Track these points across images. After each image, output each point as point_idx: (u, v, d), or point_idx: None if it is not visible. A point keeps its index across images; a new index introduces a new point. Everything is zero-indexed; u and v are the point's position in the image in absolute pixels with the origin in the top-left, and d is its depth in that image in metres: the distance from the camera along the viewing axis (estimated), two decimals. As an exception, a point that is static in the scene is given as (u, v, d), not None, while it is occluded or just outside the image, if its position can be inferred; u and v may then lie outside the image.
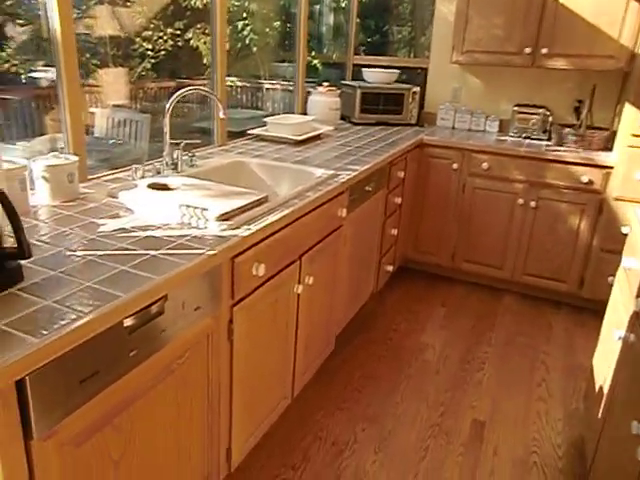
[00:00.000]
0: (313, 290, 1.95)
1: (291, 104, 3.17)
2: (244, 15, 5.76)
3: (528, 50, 2.96)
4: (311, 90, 3.02)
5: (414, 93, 3.30)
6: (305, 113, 3.05)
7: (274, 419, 1.87)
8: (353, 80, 3.60)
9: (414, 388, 2.31)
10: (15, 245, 1.01)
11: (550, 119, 3.15)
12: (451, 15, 3.21)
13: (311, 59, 5.33)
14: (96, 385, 1.01)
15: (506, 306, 3.09)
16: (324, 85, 2.95)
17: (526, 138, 3.17)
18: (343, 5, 4.36)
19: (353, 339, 2.62)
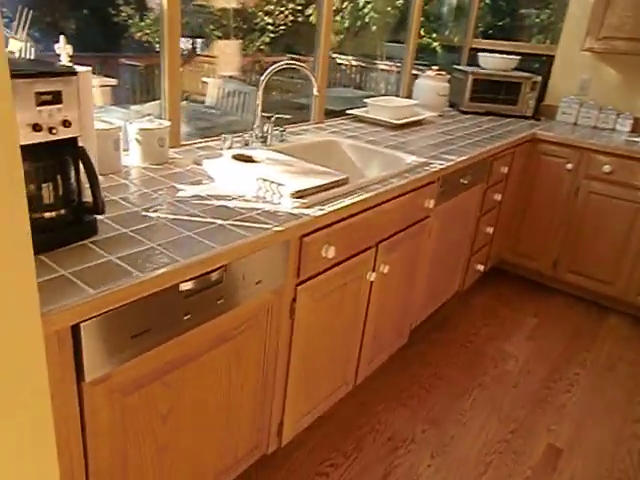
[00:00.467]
0: (388, 279, 1.88)
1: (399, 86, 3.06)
2: (367, -8, 5.67)
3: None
4: (419, 73, 2.89)
5: (534, 83, 3.03)
6: (410, 97, 2.93)
7: (332, 403, 1.85)
8: (468, 65, 3.39)
9: (487, 398, 2.16)
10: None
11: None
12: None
13: (431, 41, 5.11)
14: (147, 342, 1.05)
15: (611, 327, 2.78)
16: (433, 69, 2.81)
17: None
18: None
19: (429, 336, 2.51)
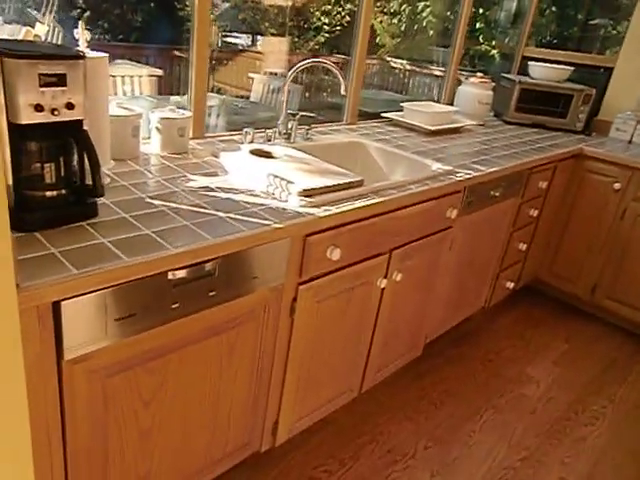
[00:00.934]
0: (401, 288, 1.83)
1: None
2: (428, -5, 5.59)
3: None
4: (462, 80, 2.80)
5: (587, 96, 2.87)
6: (452, 104, 2.85)
7: (333, 408, 1.82)
8: (519, 74, 3.26)
9: (499, 421, 2.07)
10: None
11: None
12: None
13: (490, 48, 4.98)
14: (131, 327, 1.06)
15: (649, 361, 2.61)
16: (477, 75, 2.72)
17: None
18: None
19: (447, 351, 2.43)
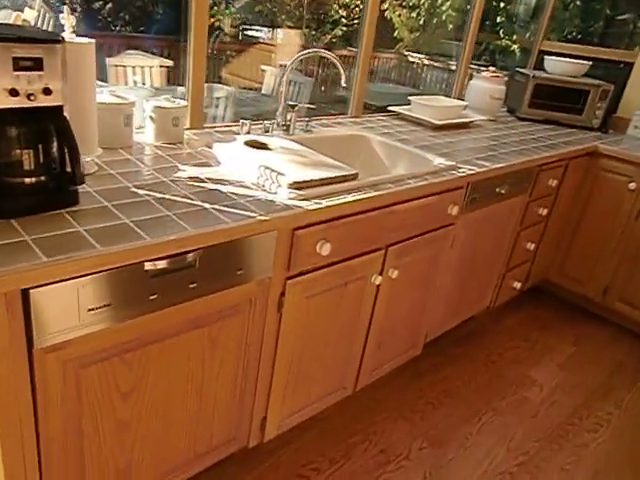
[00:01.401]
0: (398, 285, 1.79)
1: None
2: (448, -10, 5.50)
3: None
4: (473, 74, 2.73)
5: (604, 91, 2.78)
6: (463, 99, 2.78)
7: (325, 406, 1.80)
8: (535, 69, 3.17)
9: (498, 424, 2.02)
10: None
11: None
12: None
13: (510, 43, 4.89)
14: (106, 317, 1.05)
15: (660, 368, 2.52)
16: (490, 70, 2.65)
17: None
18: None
19: (448, 350, 2.38)
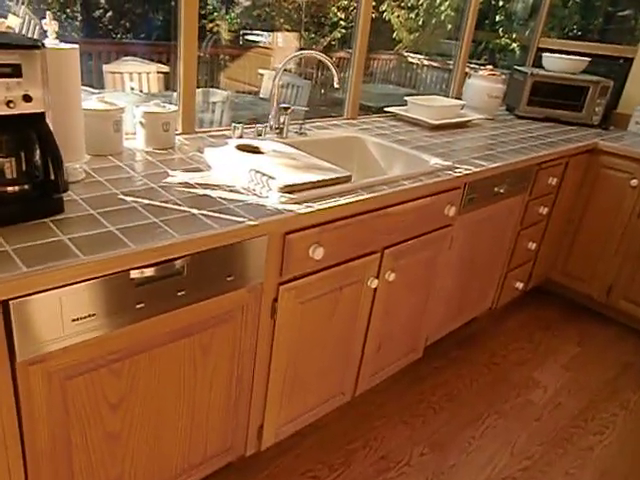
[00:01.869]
0: (395, 288, 1.76)
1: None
2: (446, -11, 5.48)
3: None
4: (471, 73, 2.70)
5: (604, 88, 2.74)
6: (461, 98, 2.75)
7: (324, 412, 1.77)
8: (534, 67, 3.14)
9: (501, 428, 1.98)
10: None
11: None
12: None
13: (510, 41, 4.86)
14: (91, 327, 1.02)
15: (666, 367, 2.48)
16: (487, 68, 2.62)
17: None
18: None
19: (450, 353, 2.35)
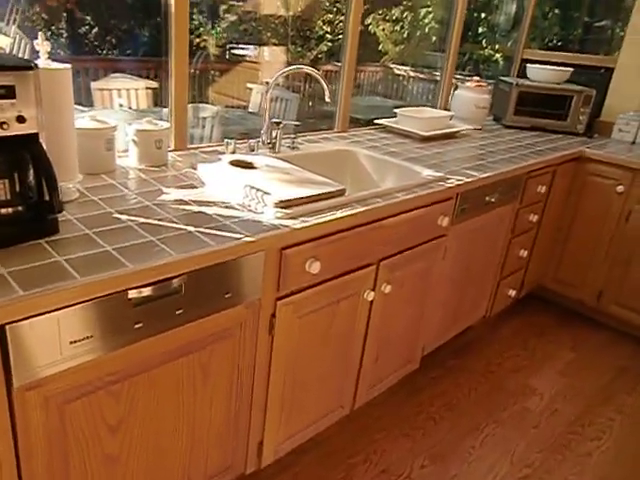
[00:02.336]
0: (391, 300, 1.76)
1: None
2: (429, 2, 5.55)
3: None
4: (458, 84, 2.74)
5: (587, 97, 2.79)
6: (449, 109, 2.79)
7: (324, 426, 1.75)
8: (519, 77, 3.19)
9: (500, 437, 1.98)
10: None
11: None
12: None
13: (493, 52, 4.95)
14: (90, 349, 1.01)
15: (660, 370, 2.50)
16: (473, 79, 2.65)
17: None
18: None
19: (446, 362, 2.35)
